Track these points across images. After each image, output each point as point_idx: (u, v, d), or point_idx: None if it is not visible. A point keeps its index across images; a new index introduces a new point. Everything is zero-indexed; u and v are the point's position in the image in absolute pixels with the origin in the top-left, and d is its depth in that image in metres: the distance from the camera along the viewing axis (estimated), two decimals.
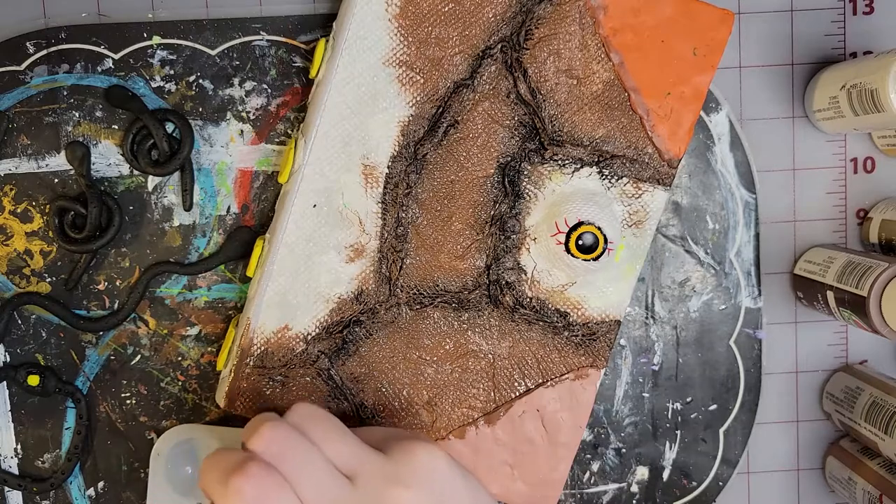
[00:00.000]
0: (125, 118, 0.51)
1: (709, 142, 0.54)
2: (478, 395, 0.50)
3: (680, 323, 0.55)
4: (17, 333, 0.52)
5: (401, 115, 0.49)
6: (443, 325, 0.50)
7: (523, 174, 0.50)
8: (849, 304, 0.49)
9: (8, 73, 0.51)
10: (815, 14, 0.55)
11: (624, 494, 0.55)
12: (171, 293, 0.52)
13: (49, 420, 0.52)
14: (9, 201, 0.51)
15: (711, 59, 0.50)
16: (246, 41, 0.52)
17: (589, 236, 0.48)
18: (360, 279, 0.49)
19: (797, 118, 0.55)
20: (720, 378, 0.55)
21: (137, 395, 0.53)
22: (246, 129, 0.52)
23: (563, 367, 0.51)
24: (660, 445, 0.55)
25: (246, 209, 0.52)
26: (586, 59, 0.49)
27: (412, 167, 0.49)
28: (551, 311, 0.50)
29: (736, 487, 0.56)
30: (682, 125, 0.50)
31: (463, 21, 0.48)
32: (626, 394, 0.55)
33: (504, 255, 0.50)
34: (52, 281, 0.52)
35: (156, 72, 0.51)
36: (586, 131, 0.50)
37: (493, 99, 0.49)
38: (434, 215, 0.50)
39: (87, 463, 0.53)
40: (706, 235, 0.55)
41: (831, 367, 0.56)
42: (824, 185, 0.56)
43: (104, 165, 0.52)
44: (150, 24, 0.51)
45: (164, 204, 0.52)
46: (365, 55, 0.48)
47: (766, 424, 0.56)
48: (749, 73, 0.55)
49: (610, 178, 0.50)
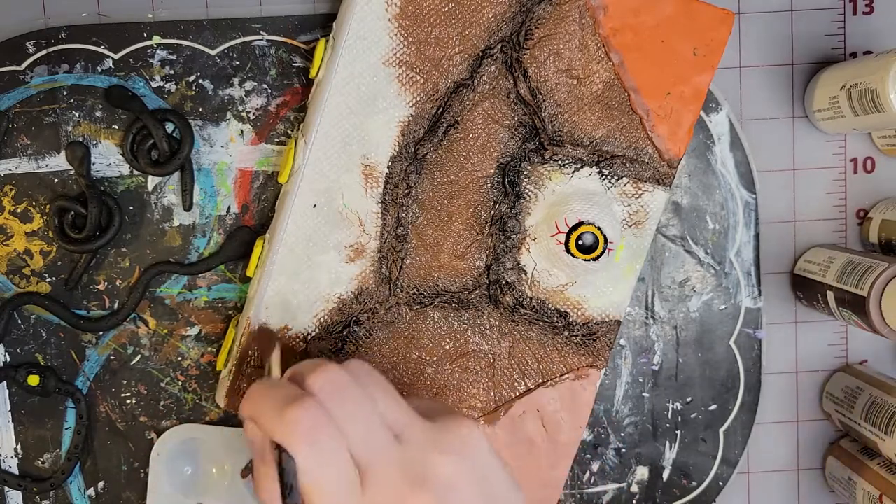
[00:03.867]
0: (125, 118, 0.51)
1: (709, 142, 0.54)
2: (478, 395, 0.50)
3: (680, 323, 0.55)
4: (17, 333, 0.52)
5: (401, 115, 0.49)
6: (443, 325, 0.50)
7: (523, 174, 0.50)
8: (849, 304, 0.49)
9: (8, 73, 0.51)
10: (815, 14, 0.55)
11: (624, 494, 0.55)
12: (171, 293, 0.52)
13: (49, 420, 0.52)
14: (9, 201, 0.51)
15: (711, 59, 0.50)
16: (246, 41, 0.52)
17: (589, 236, 0.48)
18: (360, 279, 0.49)
19: (797, 118, 0.55)
20: (720, 378, 0.55)
21: (137, 395, 0.53)
22: (246, 129, 0.52)
23: (563, 367, 0.51)
24: (660, 445, 0.55)
25: (246, 209, 0.52)
26: (586, 59, 0.49)
27: (412, 167, 0.49)
28: (551, 311, 0.50)
29: (736, 487, 0.56)
30: (682, 125, 0.50)
31: (463, 21, 0.48)
32: (626, 394, 0.55)
33: (504, 255, 0.50)
34: (52, 281, 0.52)
35: (156, 72, 0.51)
36: (586, 131, 0.50)
37: (493, 99, 0.49)
38: (434, 215, 0.50)
39: (87, 463, 0.53)
40: (706, 235, 0.55)
41: (831, 367, 0.56)
42: (824, 185, 0.56)
43: (104, 165, 0.52)
44: (150, 24, 0.51)
45: (164, 204, 0.52)
46: (365, 55, 0.48)
47: (766, 424, 0.56)
48: (749, 73, 0.55)
49: (610, 178, 0.50)
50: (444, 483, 0.39)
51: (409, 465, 0.39)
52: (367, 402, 0.40)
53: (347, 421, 0.39)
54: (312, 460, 0.38)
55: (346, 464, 0.39)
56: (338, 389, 0.40)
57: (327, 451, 0.38)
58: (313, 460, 0.38)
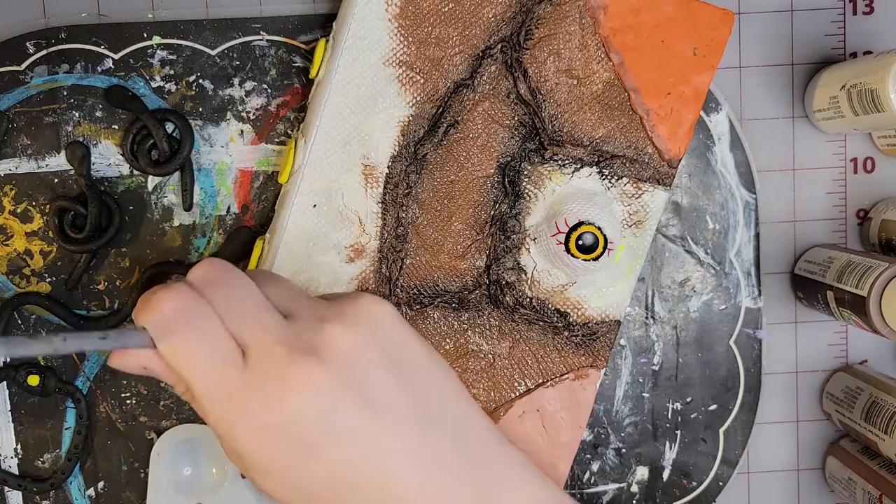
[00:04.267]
0: (125, 118, 0.51)
1: (709, 142, 0.54)
2: (478, 395, 0.50)
3: (680, 323, 0.55)
4: (17, 333, 0.52)
5: (401, 115, 0.49)
6: (443, 325, 0.50)
7: (523, 174, 0.50)
8: (849, 304, 0.49)
9: (8, 73, 0.51)
10: (815, 14, 0.55)
11: (624, 494, 0.55)
12: None
13: (49, 420, 0.52)
14: (9, 201, 0.51)
15: (711, 59, 0.50)
16: (246, 41, 0.52)
17: (589, 236, 0.48)
18: (360, 279, 0.49)
19: (797, 118, 0.55)
20: (720, 378, 0.55)
21: (137, 395, 0.53)
22: (246, 129, 0.52)
23: (563, 367, 0.51)
24: (660, 445, 0.55)
25: (246, 209, 0.52)
26: (586, 59, 0.49)
27: (412, 167, 0.49)
28: (551, 311, 0.50)
29: (736, 487, 0.56)
30: (682, 125, 0.50)
31: (463, 21, 0.49)
32: (626, 394, 0.55)
33: (504, 255, 0.50)
34: (52, 281, 0.52)
35: (156, 72, 0.51)
36: (586, 131, 0.50)
37: (493, 99, 0.49)
38: (434, 215, 0.50)
39: (87, 463, 0.53)
40: (706, 235, 0.55)
41: (831, 367, 0.56)
42: (824, 185, 0.56)
43: (104, 165, 0.52)
44: (150, 24, 0.51)
45: (164, 204, 0.52)
46: (365, 55, 0.48)
47: (766, 424, 0.56)
48: (749, 73, 0.55)
49: (610, 178, 0.50)
50: (339, 355, 0.37)
51: (297, 338, 0.37)
52: (248, 284, 0.38)
53: (224, 301, 0.37)
54: (183, 339, 0.36)
55: (221, 341, 0.37)
56: (216, 276, 0.38)
57: (199, 328, 0.36)
58: (184, 339, 0.36)
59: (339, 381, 0.36)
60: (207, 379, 0.37)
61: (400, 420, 0.37)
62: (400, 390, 0.38)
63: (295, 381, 0.36)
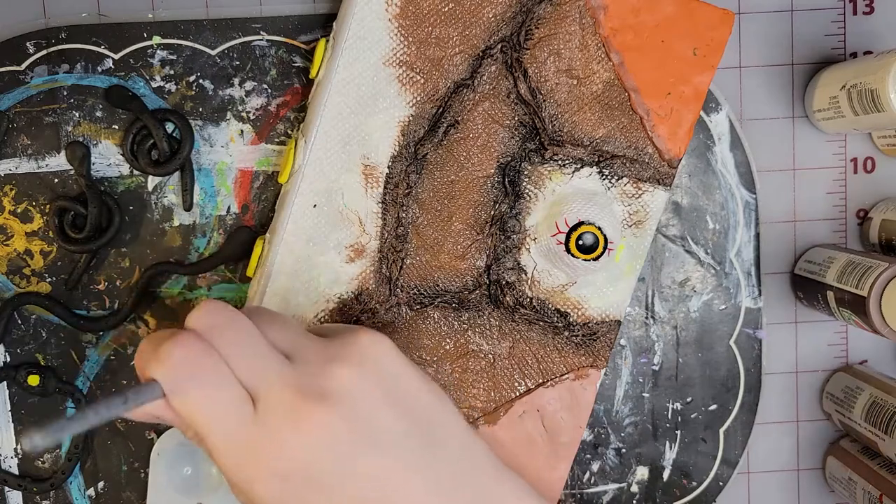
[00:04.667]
0: (125, 118, 0.51)
1: (709, 142, 0.54)
2: (478, 395, 0.50)
3: (680, 323, 0.55)
4: (17, 333, 0.52)
5: (401, 115, 0.49)
6: (443, 325, 0.50)
7: (523, 174, 0.50)
8: (849, 304, 0.49)
9: (8, 73, 0.51)
10: (815, 14, 0.55)
11: (624, 494, 0.55)
12: (171, 293, 0.52)
13: (49, 420, 0.52)
14: (9, 201, 0.51)
15: (711, 59, 0.50)
16: (246, 41, 0.52)
17: (589, 236, 0.48)
18: (361, 279, 0.49)
19: (797, 118, 0.55)
20: (720, 378, 0.55)
21: None
22: (246, 129, 0.52)
23: (563, 367, 0.51)
24: (660, 445, 0.55)
25: (246, 209, 0.52)
26: (586, 59, 0.49)
27: (412, 167, 0.49)
28: (551, 311, 0.50)
29: (736, 487, 0.56)
30: (683, 125, 0.50)
31: (463, 21, 0.49)
32: (626, 394, 0.55)
33: (504, 255, 0.50)
34: (52, 281, 0.52)
35: (156, 72, 0.51)
36: (586, 131, 0.50)
37: (494, 99, 0.49)
38: (434, 215, 0.50)
39: (87, 463, 0.53)
40: (706, 235, 0.55)
41: (831, 367, 0.56)
42: (824, 185, 0.56)
43: (104, 165, 0.52)
44: (150, 24, 0.51)
45: (164, 204, 0.52)
46: (365, 55, 0.48)
47: (766, 424, 0.56)
48: (749, 73, 0.55)
49: (610, 178, 0.50)
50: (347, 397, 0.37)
51: (303, 383, 0.37)
52: (251, 329, 0.38)
53: (230, 347, 0.37)
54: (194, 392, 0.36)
55: (232, 390, 0.37)
56: (217, 320, 0.38)
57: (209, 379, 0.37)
58: (195, 392, 0.36)
59: (348, 423, 0.37)
60: (220, 431, 0.37)
61: (407, 453, 0.38)
62: (404, 423, 0.38)
63: (307, 428, 0.36)
